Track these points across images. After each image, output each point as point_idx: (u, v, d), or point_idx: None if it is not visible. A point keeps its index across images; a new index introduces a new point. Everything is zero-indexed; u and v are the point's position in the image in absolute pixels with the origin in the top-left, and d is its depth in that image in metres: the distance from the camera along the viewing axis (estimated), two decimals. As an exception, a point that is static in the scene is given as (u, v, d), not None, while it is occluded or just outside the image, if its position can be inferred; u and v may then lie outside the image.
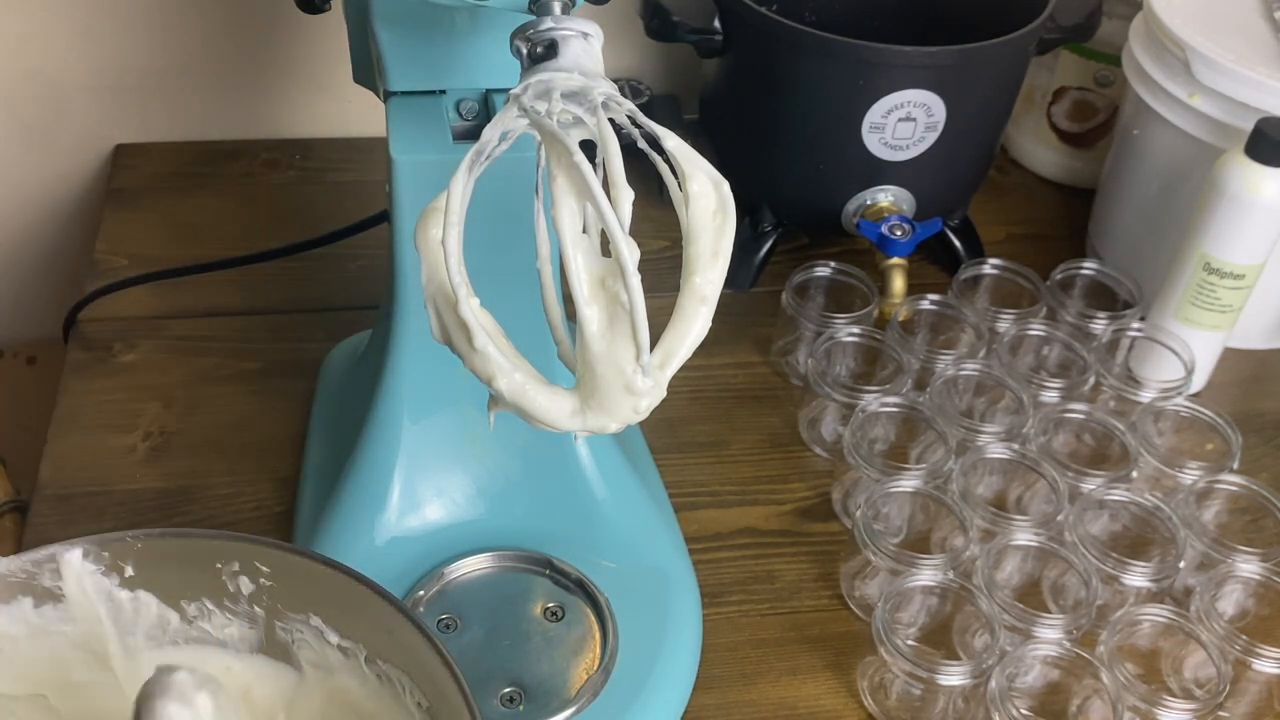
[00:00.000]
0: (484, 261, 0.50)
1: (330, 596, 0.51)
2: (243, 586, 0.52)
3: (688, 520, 0.77)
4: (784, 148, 0.91)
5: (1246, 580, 0.71)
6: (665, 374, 0.47)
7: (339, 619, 0.52)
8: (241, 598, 0.53)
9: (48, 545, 0.50)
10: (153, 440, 0.80)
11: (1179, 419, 0.81)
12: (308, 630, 0.53)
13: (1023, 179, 1.11)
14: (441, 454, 0.68)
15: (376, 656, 0.52)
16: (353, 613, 0.51)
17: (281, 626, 0.53)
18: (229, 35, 1.01)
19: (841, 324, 0.83)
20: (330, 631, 0.52)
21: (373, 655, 0.52)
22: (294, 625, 0.53)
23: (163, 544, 0.52)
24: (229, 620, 0.54)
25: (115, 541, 0.51)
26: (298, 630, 0.53)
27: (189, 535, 0.54)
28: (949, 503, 0.72)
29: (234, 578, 0.52)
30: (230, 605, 0.53)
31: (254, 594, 0.53)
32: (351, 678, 0.53)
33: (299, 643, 0.54)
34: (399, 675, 0.51)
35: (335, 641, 0.52)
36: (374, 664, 0.52)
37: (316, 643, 0.53)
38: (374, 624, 0.50)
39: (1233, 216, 0.79)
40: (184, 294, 0.90)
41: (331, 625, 0.52)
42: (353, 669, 0.53)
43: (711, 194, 0.47)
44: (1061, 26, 0.90)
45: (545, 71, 0.47)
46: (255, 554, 0.52)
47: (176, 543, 0.52)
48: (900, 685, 0.67)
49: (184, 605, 0.53)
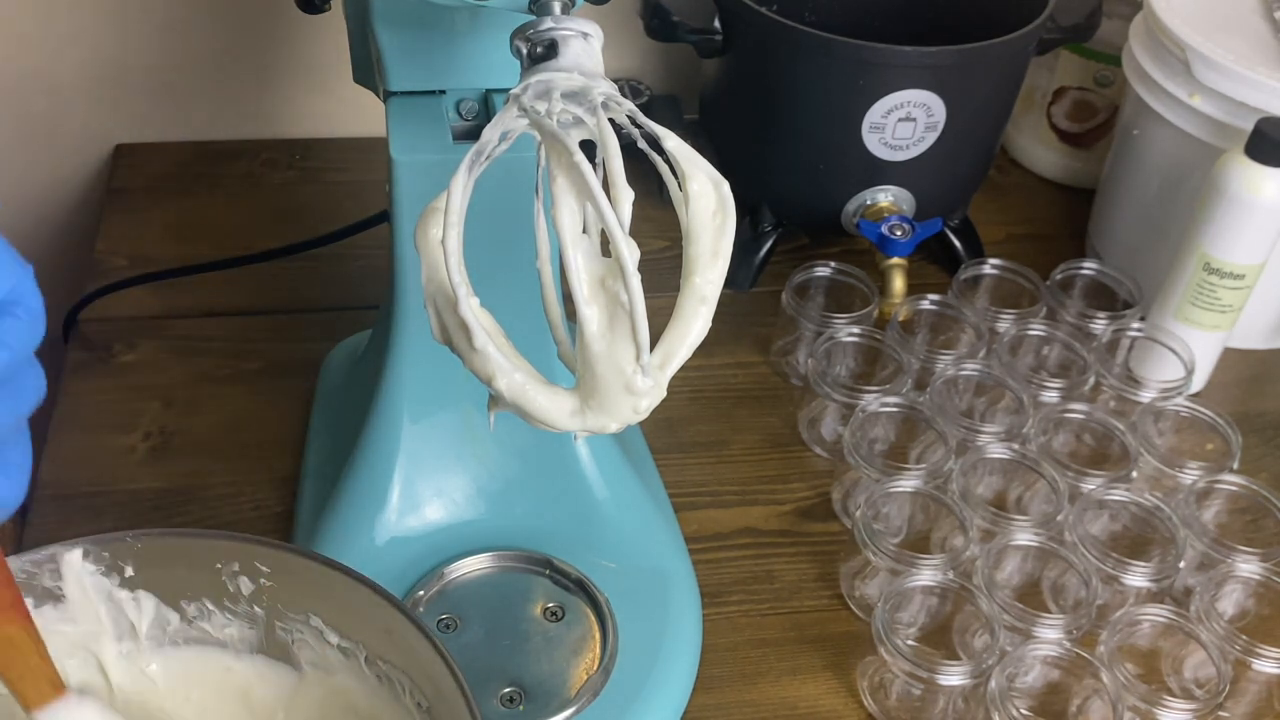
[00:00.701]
0: (484, 261, 0.50)
1: (330, 596, 0.51)
2: (243, 587, 0.52)
3: (688, 520, 0.77)
4: (784, 148, 0.91)
5: (1246, 580, 0.71)
6: (665, 374, 0.47)
7: (339, 619, 0.52)
8: (241, 598, 0.53)
9: (48, 545, 0.50)
10: (153, 440, 0.80)
11: (1179, 419, 0.81)
12: (307, 630, 0.53)
13: (1023, 179, 1.10)
14: (441, 454, 0.68)
15: (376, 656, 0.52)
16: (352, 613, 0.51)
17: (281, 626, 0.53)
18: (229, 35, 1.01)
19: (841, 324, 0.83)
20: (330, 631, 0.52)
21: (372, 655, 0.52)
22: (294, 625, 0.53)
23: (163, 544, 0.52)
24: (229, 620, 0.54)
25: (115, 541, 0.51)
26: (297, 630, 0.53)
27: (189, 535, 0.54)
28: (949, 503, 0.72)
29: (234, 578, 0.52)
30: (230, 605, 0.53)
31: (254, 594, 0.53)
32: (351, 678, 0.53)
33: (299, 643, 0.54)
34: (399, 675, 0.51)
35: (335, 641, 0.52)
36: (374, 664, 0.52)
37: (316, 643, 0.53)
38: (374, 624, 0.50)
39: (1233, 216, 0.79)
40: (184, 294, 0.90)
41: (331, 625, 0.52)
42: (352, 669, 0.53)
43: (711, 194, 0.47)
44: (1061, 26, 0.90)
45: (545, 71, 0.47)
46: (255, 554, 0.52)
47: (176, 542, 0.52)
48: (900, 685, 0.67)
49: (184, 605, 0.53)
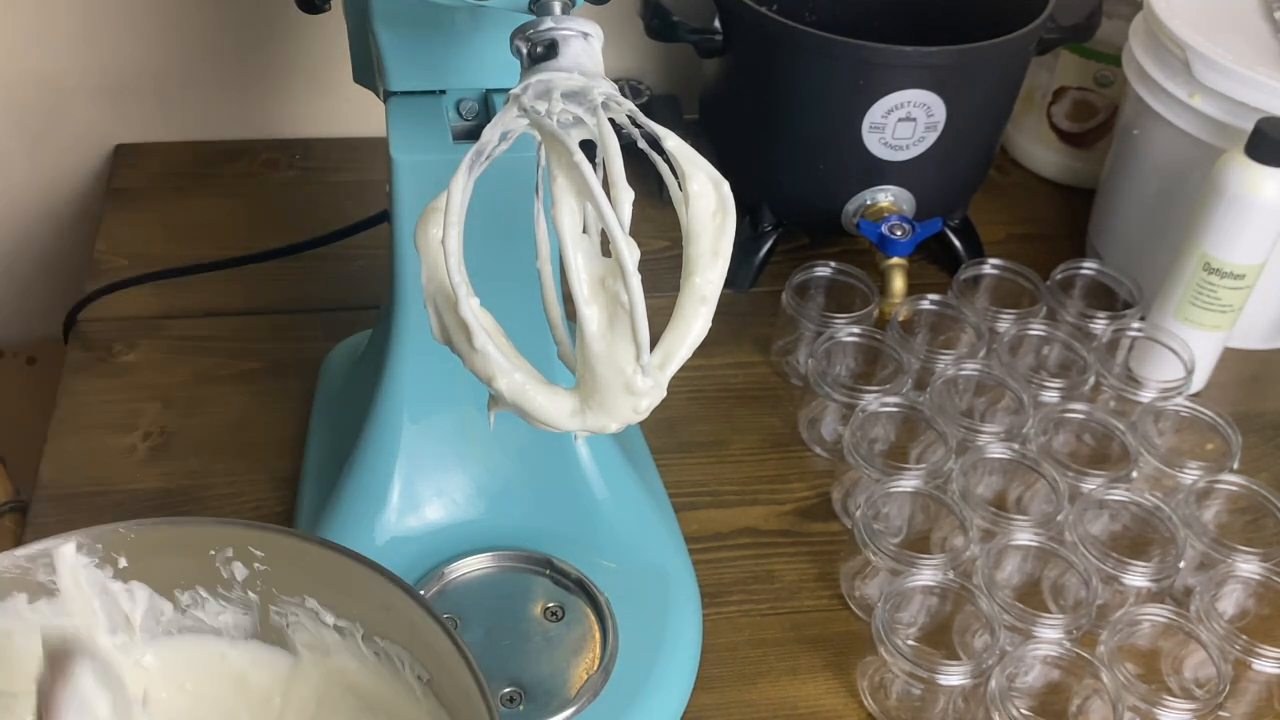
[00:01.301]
0: (484, 261, 0.50)
1: (325, 577, 0.51)
2: (236, 572, 0.52)
3: (688, 520, 0.77)
4: (784, 148, 0.91)
5: (1246, 580, 0.71)
6: (665, 374, 0.47)
7: (335, 599, 0.52)
8: (235, 584, 0.53)
9: (41, 540, 0.50)
10: (153, 440, 0.80)
11: (1179, 419, 0.81)
12: (303, 612, 0.53)
13: (1023, 179, 1.10)
14: (441, 454, 0.68)
15: (374, 634, 0.52)
16: (348, 591, 0.51)
17: (276, 610, 0.53)
18: (229, 35, 1.01)
19: (841, 324, 0.83)
20: (326, 612, 0.52)
21: (370, 633, 0.52)
22: (289, 608, 0.53)
23: (156, 533, 0.52)
24: (223, 607, 0.54)
25: (108, 534, 0.51)
26: (292, 613, 0.53)
27: (182, 523, 0.54)
28: (949, 503, 0.72)
29: (227, 564, 0.52)
30: (224, 592, 0.53)
31: (248, 579, 0.53)
32: (349, 657, 0.53)
33: (294, 626, 0.54)
34: (398, 651, 0.51)
35: (331, 622, 0.53)
36: (371, 641, 0.52)
37: (312, 624, 0.53)
38: (370, 601, 0.50)
39: (1233, 216, 0.79)
40: (184, 294, 0.90)
41: (327, 606, 0.52)
42: (350, 648, 0.53)
43: (711, 194, 0.47)
44: (1061, 26, 0.90)
45: (545, 71, 0.47)
46: (249, 538, 0.52)
47: (169, 530, 0.52)
48: (900, 685, 0.67)
49: (177, 595, 0.53)
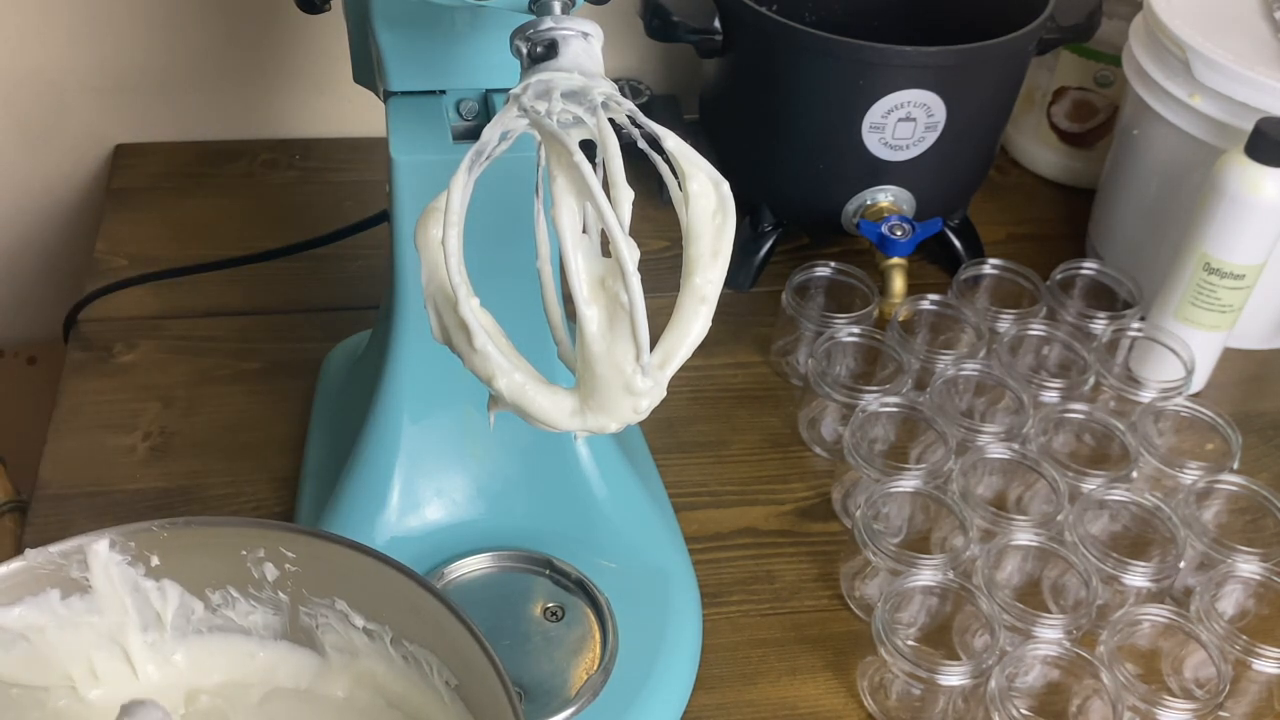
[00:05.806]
0: (484, 261, 0.50)
1: (355, 579, 0.52)
2: (267, 573, 0.53)
3: (688, 520, 0.77)
4: (784, 148, 0.91)
5: (1246, 580, 0.71)
6: (665, 374, 0.47)
7: (364, 601, 0.52)
8: (266, 584, 0.53)
9: (74, 536, 0.50)
10: (153, 440, 0.80)
11: (1179, 419, 0.81)
12: (332, 614, 0.53)
13: (1023, 179, 1.10)
14: (441, 454, 0.68)
15: (403, 637, 0.52)
16: (378, 594, 0.51)
17: (305, 611, 0.54)
18: (229, 35, 1.01)
19: (841, 324, 0.83)
20: (355, 614, 0.53)
21: (399, 636, 0.52)
22: (318, 610, 0.53)
23: (189, 533, 0.52)
24: (253, 607, 0.54)
25: (142, 531, 0.51)
26: (322, 615, 0.54)
27: (215, 523, 0.54)
28: (949, 503, 0.72)
29: (259, 564, 0.53)
30: (254, 592, 0.54)
31: (278, 580, 0.53)
32: (378, 660, 0.54)
33: (323, 627, 0.54)
34: (426, 655, 0.51)
35: (361, 624, 0.53)
36: (400, 645, 0.52)
37: (341, 626, 0.53)
38: (400, 604, 0.51)
39: (1233, 216, 0.79)
40: (184, 294, 0.90)
41: (357, 608, 0.53)
42: (379, 651, 0.53)
43: (711, 194, 0.47)
44: (1061, 26, 0.90)
45: (545, 71, 0.47)
46: (281, 540, 0.52)
47: (203, 531, 0.53)
48: (900, 685, 0.67)
49: (208, 594, 0.54)
